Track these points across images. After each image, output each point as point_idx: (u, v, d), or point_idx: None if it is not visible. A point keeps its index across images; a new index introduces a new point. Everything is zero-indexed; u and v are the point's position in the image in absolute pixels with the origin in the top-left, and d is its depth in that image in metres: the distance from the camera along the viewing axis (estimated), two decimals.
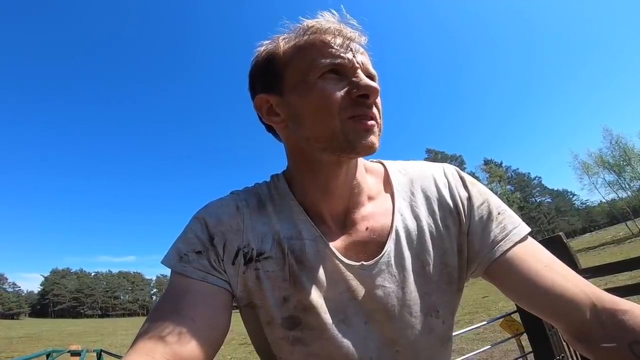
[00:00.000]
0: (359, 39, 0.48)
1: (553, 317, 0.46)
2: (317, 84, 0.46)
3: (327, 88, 0.45)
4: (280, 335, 0.48)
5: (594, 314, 0.43)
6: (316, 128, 0.47)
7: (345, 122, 0.45)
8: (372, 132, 0.46)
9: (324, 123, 0.46)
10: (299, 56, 0.48)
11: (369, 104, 0.46)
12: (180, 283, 0.46)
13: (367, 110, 0.46)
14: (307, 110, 0.47)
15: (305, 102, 0.47)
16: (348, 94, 0.45)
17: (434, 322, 0.49)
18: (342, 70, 0.46)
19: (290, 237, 0.50)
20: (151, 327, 0.42)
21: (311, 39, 0.47)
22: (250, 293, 0.48)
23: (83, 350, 5.12)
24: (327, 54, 0.46)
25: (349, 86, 0.46)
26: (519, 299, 0.48)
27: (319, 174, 0.50)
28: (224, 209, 0.52)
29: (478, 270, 0.51)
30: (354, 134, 0.45)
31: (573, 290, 0.45)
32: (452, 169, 0.57)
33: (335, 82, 0.46)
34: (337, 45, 0.46)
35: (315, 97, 0.46)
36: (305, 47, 0.47)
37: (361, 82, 0.45)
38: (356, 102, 0.45)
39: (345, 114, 0.45)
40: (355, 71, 0.46)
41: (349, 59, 0.46)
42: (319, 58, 0.46)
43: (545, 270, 0.46)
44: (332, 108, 0.45)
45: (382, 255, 0.49)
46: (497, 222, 0.51)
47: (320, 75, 0.46)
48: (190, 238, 0.49)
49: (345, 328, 0.47)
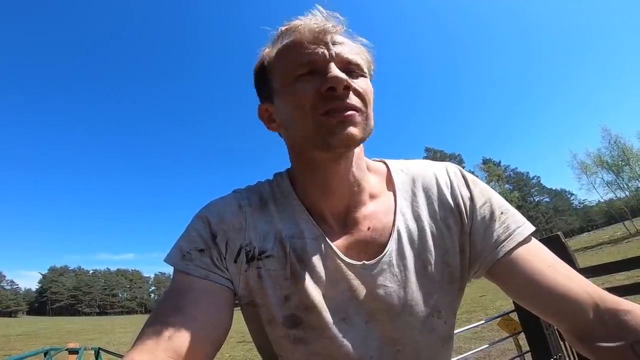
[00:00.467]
0: (334, 29, 0.48)
1: (555, 317, 0.46)
2: (293, 87, 0.47)
3: (300, 88, 0.47)
4: (281, 334, 0.48)
5: (597, 314, 0.43)
6: (298, 129, 0.48)
7: (317, 119, 0.45)
8: (349, 123, 0.45)
9: (301, 123, 0.47)
10: (279, 62, 0.50)
11: (340, 96, 0.45)
12: (182, 281, 0.47)
13: (339, 102, 0.45)
14: (289, 113, 0.49)
15: (287, 106, 0.49)
16: (318, 89, 0.45)
17: (435, 322, 0.49)
18: (315, 68, 0.47)
19: (292, 236, 0.50)
20: (153, 324, 0.42)
21: (287, 43, 0.48)
22: (252, 291, 0.49)
23: (81, 348, 5.11)
24: (300, 55, 0.47)
25: (318, 82, 0.46)
26: (522, 298, 0.48)
27: (317, 173, 0.51)
28: (226, 207, 0.52)
29: (481, 270, 0.50)
30: (326, 130, 0.45)
31: (576, 291, 0.45)
32: (455, 168, 0.57)
33: (309, 80, 0.47)
34: (309, 42, 0.47)
35: (291, 100, 0.48)
36: (282, 52, 0.49)
37: (327, 75, 0.45)
38: (326, 97, 0.45)
39: (317, 111, 0.45)
40: (326, 65, 0.46)
41: (320, 54, 0.46)
42: (293, 61, 0.48)
43: (549, 271, 0.46)
44: (304, 107, 0.46)
45: (383, 255, 0.49)
46: (500, 221, 0.50)
47: (297, 78, 0.47)
48: (193, 236, 0.50)
49: (346, 327, 0.47)
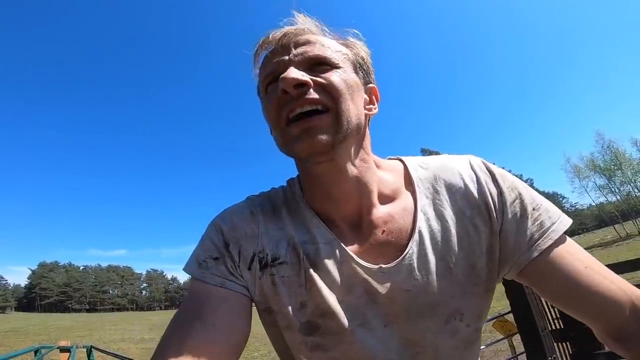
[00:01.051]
0: (296, 31, 0.47)
1: (592, 318, 0.45)
2: (264, 100, 0.49)
3: (267, 100, 0.48)
4: (298, 341, 0.47)
5: (634, 313, 0.43)
6: (275, 142, 0.49)
7: (283, 129, 0.45)
8: (312, 131, 0.43)
9: (275, 134, 0.48)
10: (258, 75, 0.51)
11: (295, 96, 0.43)
12: (200, 289, 0.47)
13: (295, 102, 0.43)
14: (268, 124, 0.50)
15: (265, 118, 0.50)
16: (277, 97, 0.45)
17: (457, 324, 0.47)
18: (278, 76, 0.46)
19: (305, 242, 0.49)
20: (174, 333, 0.43)
21: (259, 56, 0.50)
22: (267, 298, 0.48)
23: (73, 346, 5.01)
24: (267, 66, 0.48)
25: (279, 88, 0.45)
26: (557, 300, 0.46)
27: (316, 180, 0.50)
28: (238, 215, 0.52)
29: (512, 271, 0.48)
30: (290, 141, 0.44)
31: (614, 291, 0.44)
32: (479, 160, 0.52)
33: (273, 91, 0.46)
34: (275, 54, 0.47)
35: (265, 111, 0.49)
36: (257, 65, 0.50)
37: (279, 77, 0.43)
38: (285, 102, 0.44)
39: (282, 120, 0.45)
40: (285, 69, 0.45)
41: (281, 60, 0.46)
42: (262, 73, 0.49)
43: (587, 271, 0.44)
44: (271, 118, 0.47)
45: (403, 258, 0.46)
46: (532, 218, 0.47)
47: (265, 89, 0.48)
48: (207, 245, 0.50)
49: (364, 332, 0.46)
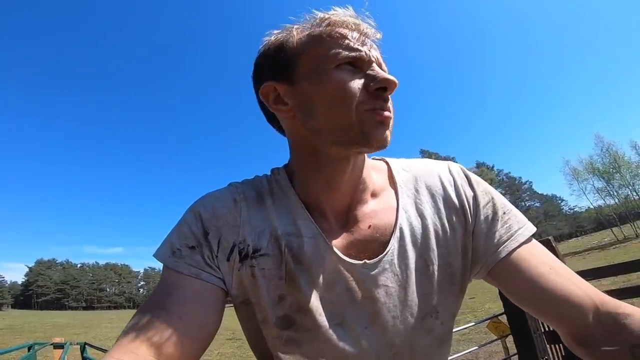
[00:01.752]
0: (374, 36, 0.48)
1: (556, 321, 0.46)
2: (334, 74, 0.45)
3: (345, 78, 0.44)
4: (274, 335, 0.47)
5: (597, 317, 0.43)
6: (330, 119, 0.45)
7: (362, 114, 0.44)
8: (387, 126, 0.45)
9: (340, 114, 0.44)
10: (315, 45, 0.46)
11: (386, 98, 0.45)
12: (171, 279, 0.45)
13: (384, 103, 0.45)
14: (321, 99, 0.45)
15: (320, 91, 0.45)
16: (366, 87, 0.45)
17: (432, 322, 0.48)
18: (359, 64, 0.45)
19: (289, 234, 0.48)
20: (137, 323, 0.41)
21: (327, 30, 0.46)
22: (246, 290, 0.47)
23: (66, 343, 4.99)
24: (345, 46, 0.45)
25: (365, 79, 0.45)
26: (522, 301, 0.47)
27: (324, 168, 0.48)
28: (220, 202, 0.49)
29: (482, 271, 0.49)
30: (370, 126, 0.44)
31: (578, 294, 0.44)
32: (457, 167, 0.56)
33: (352, 74, 0.45)
34: (353, 38, 0.46)
35: (331, 87, 0.44)
36: (321, 37, 0.46)
37: (379, 75, 0.45)
38: (374, 95, 0.44)
39: (362, 107, 0.44)
40: (371, 65, 0.46)
41: (365, 53, 0.46)
42: (336, 48, 0.45)
43: (551, 273, 0.45)
44: (349, 99, 0.44)
45: (385, 254, 0.47)
46: (502, 221, 0.49)
47: (337, 66, 0.45)
48: (184, 232, 0.47)
49: (341, 332, 0.46)
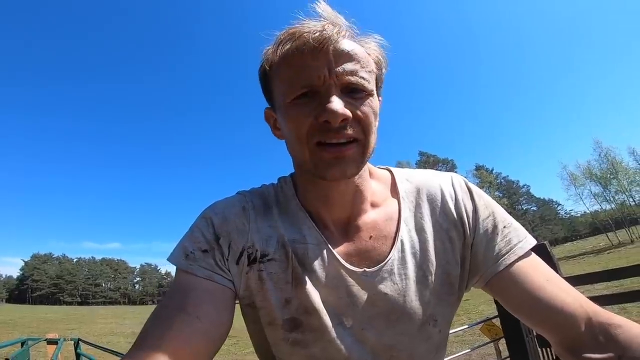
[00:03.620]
0: (338, 35, 0.44)
1: (549, 329, 0.47)
2: (289, 110, 0.46)
3: (297, 114, 0.45)
4: (280, 337, 0.49)
5: (589, 327, 0.45)
6: (293, 152, 0.49)
7: (313, 149, 0.45)
8: (343, 161, 0.45)
9: (296, 149, 0.47)
10: (279, 75, 0.47)
11: (335, 128, 0.44)
12: (186, 281, 0.47)
13: (334, 135, 0.44)
14: (286, 134, 0.49)
15: (284, 127, 0.48)
16: (316, 118, 0.44)
17: (431, 330, 0.50)
18: (313, 91, 0.45)
19: (294, 241, 0.50)
20: (156, 323, 0.43)
21: (286, 54, 0.45)
22: (252, 293, 0.49)
23: (60, 339, 4.94)
24: (300, 73, 0.44)
25: (316, 110, 0.44)
26: (518, 310, 0.48)
27: (318, 185, 0.51)
28: (230, 209, 0.52)
29: (480, 281, 0.51)
30: (320, 164, 0.45)
31: (572, 305, 0.45)
32: (460, 179, 0.57)
33: (306, 105, 0.45)
34: (310, 54, 0.43)
35: (288, 123, 0.46)
36: (282, 65, 0.46)
37: (326, 106, 0.43)
38: (323, 127, 0.44)
39: (312, 140, 0.45)
40: (328, 91, 0.44)
41: (324, 77, 0.44)
42: (292, 80, 0.45)
43: (547, 284, 0.47)
44: (300, 135, 0.45)
45: (385, 263, 0.49)
46: (502, 235, 0.51)
47: (293, 99, 0.45)
48: (197, 236, 0.50)
49: (342, 331, 0.48)
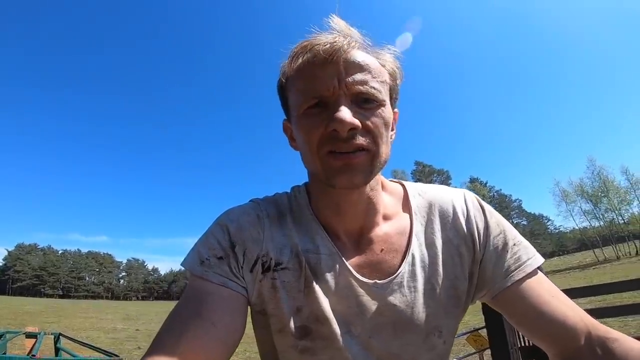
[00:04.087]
0: (348, 46, 0.45)
1: (549, 342, 0.49)
2: (301, 120, 0.48)
3: (307, 124, 0.47)
4: (290, 344, 0.50)
5: (588, 341, 0.47)
6: (306, 162, 0.51)
7: (323, 158, 0.46)
8: (352, 169, 0.45)
9: (308, 159, 0.49)
10: (293, 87, 0.49)
11: (344, 138, 0.45)
12: (200, 287, 0.47)
13: (342, 144, 0.45)
14: (299, 144, 0.51)
15: (298, 137, 0.50)
16: (325, 128, 0.45)
17: (435, 341, 0.51)
18: (324, 102, 0.46)
19: (308, 250, 0.51)
20: (172, 328, 0.44)
21: (298, 68, 0.47)
22: (264, 301, 0.50)
23: (40, 332, 4.80)
24: (311, 88, 0.46)
25: (326, 120, 0.45)
26: (521, 324, 0.50)
27: (331, 196, 0.52)
28: (245, 217, 0.53)
29: (486, 296, 0.53)
30: (330, 171, 0.46)
31: (574, 319, 0.48)
32: (472, 196, 0.58)
33: (318, 115, 0.46)
34: (321, 66, 0.45)
35: (301, 133, 0.48)
36: (294, 78, 0.48)
37: (334, 115, 0.44)
38: (332, 136, 0.45)
39: (323, 149, 0.46)
40: (337, 101, 0.45)
41: (334, 88, 0.45)
42: (304, 92, 0.47)
43: (552, 300, 0.49)
44: (312, 144, 0.47)
45: (396, 276, 0.50)
46: (512, 252, 0.52)
47: (305, 110, 0.47)
48: (212, 243, 0.50)
49: (350, 339, 0.49)
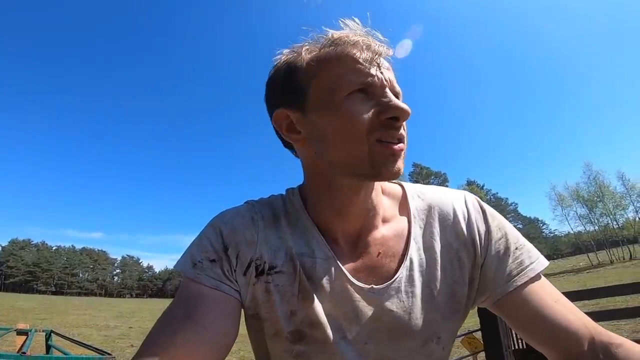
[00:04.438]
0: (387, 53, 0.46)
1: (552, 348, 0.47)
2: (345, 104, 0.44)
3: (355, 109, 0.43)
4: (284, 348, 0.49)
5: (591, 346, 0.46)
6: (341, 151, 0.45)
7: (372, 146, 0.43)
8: (399, 157, 0.44)
9: (351, 147, 0.44)
10: (325, 71, 0.45)
11: (398, 127, 0.44)
12: (193, 289, 0.47)
13: (396, 133, 0.44)
14: (333, 131, 0.45)
15: (331, 123, 0.45)
16: (377, 115, 0.43)
17: (434, 347, 0.50)
18: (370, 89, 0.44)
19: (303, 254, 0.50)
20: (163, 331, 0.43)
21: (337, 52, 0.45)
22: (258, 305, 0.49)
23: (31, 329, 4.74)
24: (355, 71, 0.44)
25: (377, 107, 0.44)
26: (524, 329, 0.49)
27: (335, 196, 0.50)
28: (239, 219, 0.51)
29: (488, 301, 0.51)
30: (381, 159, 0.44)
31: (577, 324, 0.46)
32: (473, 198, 0.55)
33: (363, 102, 0.44)
34: (364, 61, 0.44)
35: (342, 119, 0.44)
36: (331, 61, 0.45)
37: (391, 103, 0.43)
38: (385, 125, 0.44)
39: (372, 137, 0.43)
40: (384, 90, 0.45)
41: (377, 77, 0.44)
42: (346, 75, 0.44)
43: (555, 305, 0.48)
44: (360, 131, 0.43)
45: (393, 281, 0.49)
46: (514, 256, 0.50)
47: (348, 94, 0.44)
48: (205, 246, 0.49)
49: (345, 345, 0.48)
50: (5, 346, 5.37)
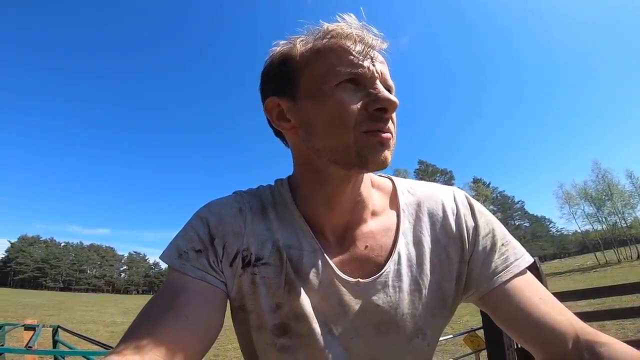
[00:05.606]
0: (380, 46, 0.47)
1: (537, 346, 0.47)
2: (334, 93, 0.44)
3: (344, 99, 0.44)
4: (268, 341, 0.48)
5: (576, 345, 0.45)
6: (328, 139, 0.46)
7: (359, 136, 0.44)
8: (386, 147, 0.45)
9: (337, 135, 0.44)
10: (317, 61, 0.46)
11: (386, 119, 0.44)
12: (177, 280, 0.46)
13: (383, 125, 0.44)
14: (321, 119, 0.45)
15: (319, 111, 0.45)
16: (365, 106, 0.44)
17: (419, 343, 0.50)
18: (361, 80, 0.45)
19: (290, 246, 0.50)
20: (144, 322, 0.42)
21: (330, 44, 0.46)
22: (244, 296, 0.49)
23: (39, 325, 4.82)
24: (346, 62, 0.44)
25: (366, 98, 0.44)
26: (509, 326, 0.48)
27: (324, 186, 0.50)
28: (226, 209, 0.51)
29: (473, 296, 0.51)
30: (367, 149, 0.44)
31: (562, 323, 0.46)
32: (462, 195, 0.56)
33: (353, 92, 0.44)
34: (357, 52, 0.45)
35: (330, 107, 0.44)
36: (324, 52, 0.46)
37: (379, 95, 0.44)
38: (372, 116, 0.44)
39: (360, 128, 0.44)
40: (374, 82, 0.45)
41: (368, 68, 0.45)
42: (337, 65, 0.45)
43: (540, 303, 0.47)
44: (347, 120, 0.44)
45: (379, 275, 0.49)
46: (499, 253, 0.51)
47: (338, 84, 0.44)
48: (191, 236, 0.49)
49: (330, 339, 0.48)
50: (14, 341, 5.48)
